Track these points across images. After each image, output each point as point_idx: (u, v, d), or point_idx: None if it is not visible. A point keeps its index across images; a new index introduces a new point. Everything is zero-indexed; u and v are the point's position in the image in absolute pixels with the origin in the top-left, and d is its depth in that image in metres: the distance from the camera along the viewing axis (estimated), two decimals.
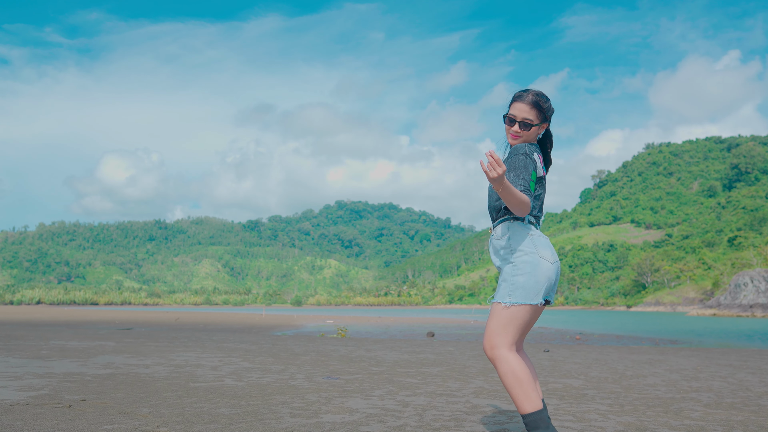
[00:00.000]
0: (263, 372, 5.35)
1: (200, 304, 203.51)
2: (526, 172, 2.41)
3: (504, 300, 2.42)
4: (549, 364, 7.27)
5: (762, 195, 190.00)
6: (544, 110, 2.55)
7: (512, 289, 2.41)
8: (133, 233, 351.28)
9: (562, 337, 21.19)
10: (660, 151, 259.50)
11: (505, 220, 2.53)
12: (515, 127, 2.54)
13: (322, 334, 15.98)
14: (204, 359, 6.51)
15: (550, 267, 2.44)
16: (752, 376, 6.19)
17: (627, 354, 9.84)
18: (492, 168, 2.19)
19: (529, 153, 2.47)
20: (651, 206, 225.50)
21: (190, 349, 8.25)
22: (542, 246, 2.47)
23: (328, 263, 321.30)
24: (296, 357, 7.21)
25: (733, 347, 16.24)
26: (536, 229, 2.53)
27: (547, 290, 2.45)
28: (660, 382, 5.45)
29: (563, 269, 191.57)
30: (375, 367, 6.13)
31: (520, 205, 2.29)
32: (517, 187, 2.37)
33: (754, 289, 76.44)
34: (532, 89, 2.59)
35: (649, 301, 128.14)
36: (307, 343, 10.44)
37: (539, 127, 2.56)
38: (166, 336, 12.38)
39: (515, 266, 2.43)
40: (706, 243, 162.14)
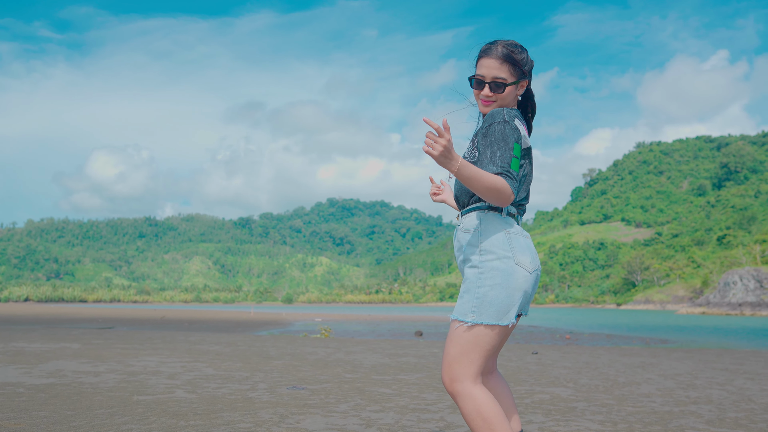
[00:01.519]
0: (224, 381, 4.90)
1: (190, 301, 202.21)
2: (506, 147, 1.84)
3: (466, 318, 1.86)
4: (537, 368, 6.86)
5: (751, 194, 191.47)
6: (519, 63, 1.96)
7: (477, 304, 1.86)
8: (123, 230, 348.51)
9: (552, 337, 20.87)
10: (650, 150, 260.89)
11: (477, 209, 1.96)
12: (485, 90, 1.96)
13: (305, 334, 15.53)
14: (166, 365, 6.05)
15: (527, 277, 1.89)
16: (752, 383, 5.82)
17: (618, 356, 9.47)
18: (432, 143, 1.69)
19: (509, 119, 1.89)
20: (641, 205, 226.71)
21: (158, 351, 7.78)
22: (521, 248, 1.91)
23: (319, 261, 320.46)
24: (268, 361, 6.76)
25: (726, 347, 15.97)
26: (517, 225, 1.97)
27: (522, 306, 1.92)
28: (655, 391, 5.05)
29: (554, 267, 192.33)
30: (349, 374, 5.70)
31: (493, 193, 1.77)
32: (492, 168, 1.81)
33: (743, 287, 76.80)
34: (502, 40, 2.00)
35: (638, 299, 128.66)
36: (286, 345, 10.00)
37: (517, 86, 1.98)
38: (141, 336, 11.89)
39: (482, 273, 1.87)
40: (696, 241, 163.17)
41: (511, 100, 2.00)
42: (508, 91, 1.96)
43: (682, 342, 19.45)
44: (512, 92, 1.98)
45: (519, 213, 2.01)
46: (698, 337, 22.74)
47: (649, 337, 21.59)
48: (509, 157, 1.83)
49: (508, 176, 1.81)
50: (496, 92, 1.95)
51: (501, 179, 1.78)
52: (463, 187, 1.99)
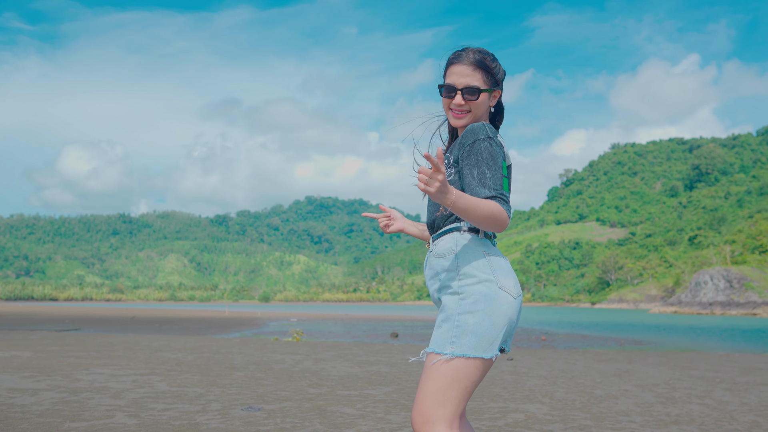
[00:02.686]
0: (174, 400, 4.52)
1: (165, 300, 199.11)
2: (495, 166, 1.64)
3: (444, 350, 1.62)
4: (512, 379, 6.61)
5: (721, 195, 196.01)
6: (493, 71, 1.79)
7: (458, 334, 1.62)
8: (96, 227, 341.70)
9: (528, 338, 20.81)
10: (625, 151, 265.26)
11: (451, 231, 1.74)
12: (458, 99, 1.76)
13: (276, 337, 15.12)
14: (117, 379, 5.63)
15: (512, 303, 1.67)
16: (730, 396, 5.64)
17: (594, 362, 9.30)
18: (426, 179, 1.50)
19: (493, 135, 1.70)
20: (616, 205, 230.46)
21: (115, 361, 7.33)
22: (503, 271, 1.69)
23: (297, 259, 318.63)
24: (229, 373, 6.38)
25: (699, 350, 16.02)
26: (494, 246, 1.76)
27: (506, 336, 1.68)
28: (633, 407, 4.82)
29: (530, 266, 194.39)
30: (313, 388, 5.35)
31: (490, 221, 1.58)
32: (484, 191, 1.60)
33: (714, 287, 78.40)
34: (472, 47, 1.81)
35: (612, 298, 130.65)
36: (254, 351, 9.61)
37: (491, 94, 1.80)
38: (103, 341, 11.38)
39: (463, 299, 1.65)
40: (668, 241, 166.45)
41: (484, 112, 1.81)
42: (482, 99, 1.77)
43: (657, 343, 19.54)
44: (485, 101, 1.79)
45: (494, 236, 1.80)
46: (671, 338, 22.92)
47: (624, 338, 21.67)
48: (500, 177, 1.64)
49: (502, 199, 1.62)
50: (470, 101, 1.75)
51: (496, 204, 1.59)
52: (433, 210, 1.78)
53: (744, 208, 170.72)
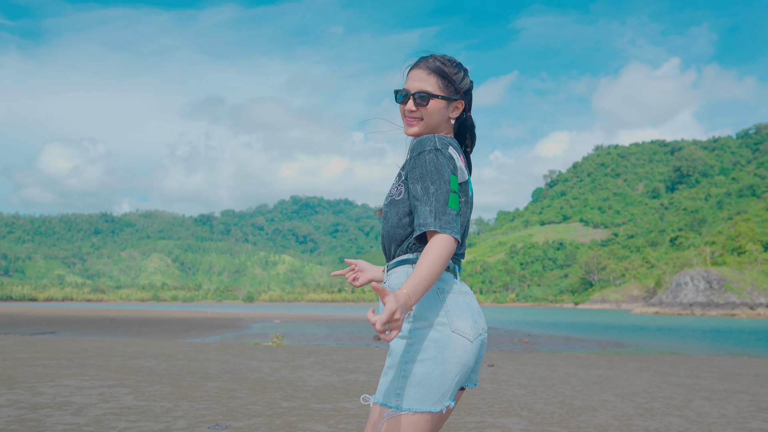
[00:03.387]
0: (139, 416, 4.33)
1: (147, 300, 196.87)
2: (441, 180, 1.48)
3: (389, 402, 1.46)
4: (491, 388, 6.52)
5: (702, 197, 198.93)
6: (450, 78, 1.64)
7: (404, 385, 1.46)
8: (77, 226, 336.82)
9: (510, 340, 20.82)
10: (608, 153, 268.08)
11: (404, 263, 1.57)
12: (409, 104, 1.62)
13: (256, 342, 14.91)
14: (83, 392, 5.42)
15: (467, 348, 1.50)
16: (709, 406, 5.59)
17: (575, 368, 9.26)
18: (387, 331, 1.32)
19: (442, 146, 1.53)
20: (599, 206, 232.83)
21: (84, 370, 7.10)
22: (459, 311, 1.52)
23: (282, 259, 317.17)
24: (202, 384, 6.20)
25: (680, 353, 16.12)
26: (455, 279, 1.58)
27: (461, 382, 1.52)
28: (612, 420, 4.74)
29: (514, 267, 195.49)
30: (287, 401, 5.20)
31: (443, 262, 1.43)
32: (425, 209, 1.46)
33: (694, 288, 79.47)
34: (438, 54, 1.68)
35: (595, 298, 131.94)
36: (231, 358, 9.41)
37: (448, 104, 1.64)
38: (76, 347, 11.09)
39: (412, 345, 1.48)
40: (650, 242, 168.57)
41: (441, 123, 1.65)
42: (434, 106, 1.62)
43: (638, 346, 19.65)
44: (440, 111, 1.64)
45: (456, 264, 1.62)
46: (652, 341, 23.09)
47: (606, 341, 21.79)
48: (446, 192, 1.48)
49: (445, 225, 1.45)
50: (420, 106, 1.62)
51: (439, 243, 1.43)
52: (390, 234, 1.60)
53: (724, 209, 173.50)
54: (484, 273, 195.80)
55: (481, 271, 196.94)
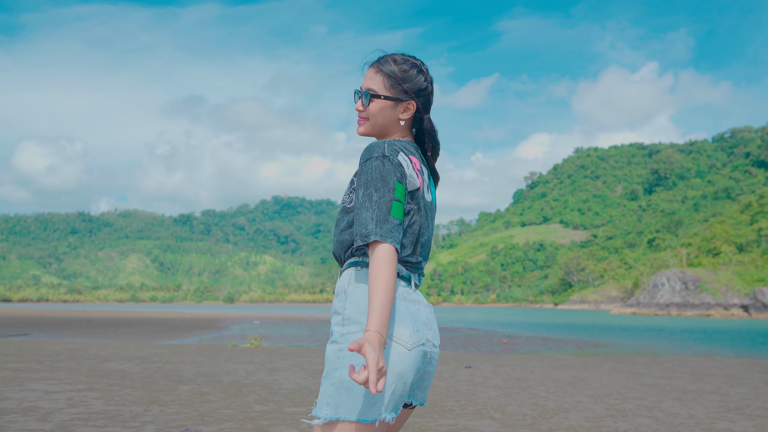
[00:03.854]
0: (107, 422, 4.26)
1: (126, 301, 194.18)
2: (385, 188, 1.42)
3: (320, 412, 1.38)
4: (466, 390, 6.54)
5: (678, 199, 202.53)
6: (397, 77, 1.56)
7: (334, 395, 1.38)
8: (54, 225, 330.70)
9: (489, 341, 20.94)
10: (588, 155, 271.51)
11: (350, 266, 1.51)
12: (357, 104, 1.59)
13: (234, 343, 14.78)
14: (50, 396, 5.31)
15: (403, 356, 1.40)
16: (679, 407, 5.68)
17: (551, 369, 9.34)
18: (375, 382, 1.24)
19: (390, 153, 1.47)
20: (579, 207, 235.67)
21: (54, 373, 6.96)
22: (399, 318, 1.43)
23: (263, 259, 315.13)
24: (175, 387, 6.11)
25: (655, 353, 16.37)
26: (407, 287, 1.51)
27: (399, 396, 1.40)
28: (583, 422, 4.78)
29: (495, 268, 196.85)
30: (260, 405, 5.16)
31: (392, 269, 1.37)
32: (367, 214, 1.40)
33: (670, 289, 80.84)
34: (396, 53, 1.61)
35: (575, 299, 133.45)
36: (207, 360, 9.31)
37: (396, 104, 1.56)
38: (48, 349, 10.88)
39: (342, 350, 1.40)
40: (628, 244, 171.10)
41: (390, 124, 1.58)
42: (377, 106, 1.56)
43: (614, 346, 19.91)
44: (386, 111, 1.57)
45: (412, 272, 1.54)
46: (629, 341, 23.42)
47: (583, 341, 22.03)
48: (389, 201, 1.41)
49: (384, 236, 1.38)
50: (365, 105, 1.57)
51: (380, 254, 1.37)
52: (341, 240, 1.54)
53: (699, 211, 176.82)
54: (466, 274, 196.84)
55: (462, 272, 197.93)
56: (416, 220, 1.52)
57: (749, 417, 5.19)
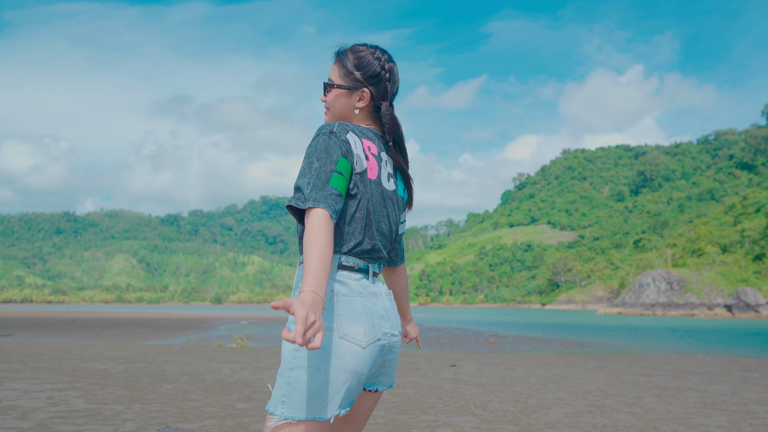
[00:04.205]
0: (87, 420, 4.24)
1: (111, 302, 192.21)
2: (328, 159, 1.41)
3: (276, 410, 1.38)
4: (450, 387, 6.58)
5: (664, 200, 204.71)
6: (348, 68, 1.58)
7: (289, 392, 1.37)
8: (38, 225, 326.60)
9: (476, 341, 21.02)
10: (575, 157, 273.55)
11: (302, 262, 1.50)
12: (322, 95, 1.63)
13: (220, 343, 14.72)
14: (31, 395, 5.27)
15: (356, 354, 1.40)
16: (658, 402, 5.77)
17: (535, 367, 9.42)
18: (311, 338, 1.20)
19: (339, 131, 1.47)
20: (566, 209, 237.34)
21: (36, 373, 6.90)
22: (352, 316, 1.42)
23: (251, 260, 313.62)
24: (158, 386, 6.09)
25: (637, 353, 16.55)
26: (364, 279, 1.49)
27: (353, 391, 1.42)
28: (562, 417, 4.85)
29: (483, 268, 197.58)
30: (242, 403, 5.16)
31: (325, 238, 1.34)
32: (301, 197, 1.39)
33: (656, 289, 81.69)
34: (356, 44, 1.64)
35: (562, 299, 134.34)
36: (192, 360, 9.27)
37: (350, 93, 1.58)
38: (30, 350, 10.76)
39: (297, 350, 1.39)
40: (615, 244, 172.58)
41: (347, 113, 1.60)
42: (332, 95, 1.59)
43: (599, 345, 20.09)
44: (340, 100, 1.59)
45: (370, 262, 1.52)
46: (614, 340, 23.65)
47: (569, 341, 22.20)
48: (329, 172, 1.40)
49: (318, 201, 1.37)
50: (325, 96, 1.61)
51: (314, 219, 1.35)
52: (298, 232, 1.54)
53: (685, 213, 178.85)
54: (454, 274, 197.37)
55: (450, 273, 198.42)
56: (367, 207, 1.50)
57: (725, 412, 5.29)
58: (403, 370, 8.31)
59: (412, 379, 7.35)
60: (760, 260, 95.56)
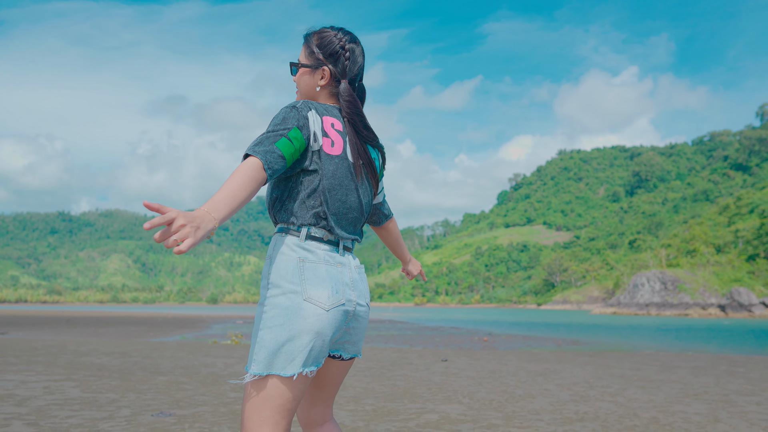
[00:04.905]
0: (82, 406, 4.35)
1: (106, 302, 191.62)
2: (283, 126, 1.50)
3: (248, 368, 1.51)
4: (440, 380, 6.71)
5: (659, 201, 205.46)
6: (311, 48, 1.67)
7: (257, 351, 1.49)
8: (33, 225, 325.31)
9: (470, 339, 21.14)
10: (571, 158, 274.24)
11: (278, 231, 1.60)
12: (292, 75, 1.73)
13: (214, 341, 14.81)
14: (27, 385, 5.37)
15: (320, 316, 1.50)
16: (641, 393, 5.91)
17: (525, 362, 9.56)
18: (177, 240, 1.22)
19: (301, 106, 1.55)
20: (562, 209, 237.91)
21: (31, 366, 7.00)
22: (316, 280, 1.52)
23: (247, 260, 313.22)
24: (152, 378, 6.20)
25: (630, 350, 16.72)
26: (331, 251, 1.58)
27: (317, 352, 1.51)
28: (546, 406, 4.98)
29: (479, 268, 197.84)
30: (235, 393, 5.28)
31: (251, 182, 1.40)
32: (247, 148, 1.48)
33: (650, 289, 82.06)
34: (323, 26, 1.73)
35: (557, 299, 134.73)
36: (186, 355, 9.37)
37: (312, 71, 1.66)
38: (25, 346, 10.84)
39: (265, 312, 1.51)
40: (610, 245, 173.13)
41: (311, 91, 1.68)
42: (299, 74, 1.69)
43: (592, 343, 20.24)
44: (305, 79, 1.69)
45: (340, 237, 1.60)
46: (607, 338, 23.81)
47: (562, 339, 22.34)
48: (279, 135, 1.48)
49: (256, 152, 1.44)
50: (292, 75, 1.72)
51: (245, 164, 1.42)
52: (269, 204, 1.63)
53: (679, 213, 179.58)
54: (450, 274, 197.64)
55: (446, 273, 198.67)
56: (330, 182, 1.56)
57: (705, 401, 5.43)
58: (395, 364, 8.44)
59: (403, 372, 7.47)
60: (754, 260, 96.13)
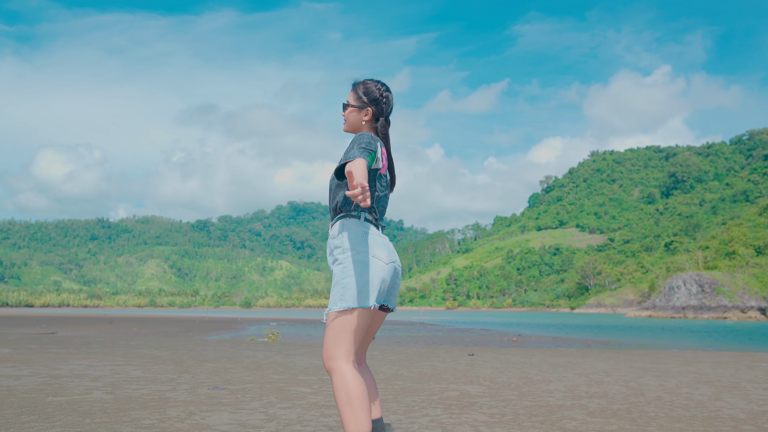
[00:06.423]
0: (147, 382, 4.99)
1: (144, 306, 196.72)
2: (369, 148, 2.25)
3: (335, 306, 2.22)
4: (464, 368, 7.17)
5: (696, 202, 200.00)
6: (358, 93, 2.45)
7: (343, 293, 2.22)
8: (74, 232, 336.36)
9: (500, 339, 21.38)
10: (604, 159, 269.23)
11: (340, 218, 2.37)
12: (342, 111, 2.50)
13: (252, 338, 15.52)
14: (95, 368, 6.07)
15: (383, 267, 2.27)
16: (655, 380, 6.26)
17: (549, 357, 9.90)
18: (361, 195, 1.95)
19: (373, 139, 2.32)
20: (595, 211, 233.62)
21: (92, 355, 7.74)
22: (377, 245, 2.30)
23: (279, 264, 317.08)
24: (201, 364, 6.84)
25: (657, 348, 16.76)
26: (378, 230, 2.39)
27: (382, 292, 2.28)
28: (561, 387, 5.41)
29: (511, 272, 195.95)
30: (277, 375, 5.86)
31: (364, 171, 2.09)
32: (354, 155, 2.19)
33: (686, 291, 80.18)
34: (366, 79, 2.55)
35: (591, 303, 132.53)
36: (228, 348, 10.05)
37: (359, 111, 2.44)
38: (80, 341, 11.70)
39: (345, 268, 2.25)
40: (645, 247, 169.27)
41: (358, 125, 2.46)
42: (348, 112, 2.46)
43: (622, 344, 20.24)
44: (353, 116, 2.45)
45: (377, 220, 2.39)
46: (638, 339, 23.70)
47: (592, 340, 22.37)
48: (369, 151, 2.22)
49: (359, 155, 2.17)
50: (343, 112, 2.48)
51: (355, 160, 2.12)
52: (332, 203, 2.40)
53: (718, 215, 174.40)
54: (481, 278, 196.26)
55: (478, 276, 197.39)
56: (379, 195, 2.38)
57: (714, 387, 5.76)
58: (423, 357, 8.92)
59: (430, 362, 7.95)
60: None
